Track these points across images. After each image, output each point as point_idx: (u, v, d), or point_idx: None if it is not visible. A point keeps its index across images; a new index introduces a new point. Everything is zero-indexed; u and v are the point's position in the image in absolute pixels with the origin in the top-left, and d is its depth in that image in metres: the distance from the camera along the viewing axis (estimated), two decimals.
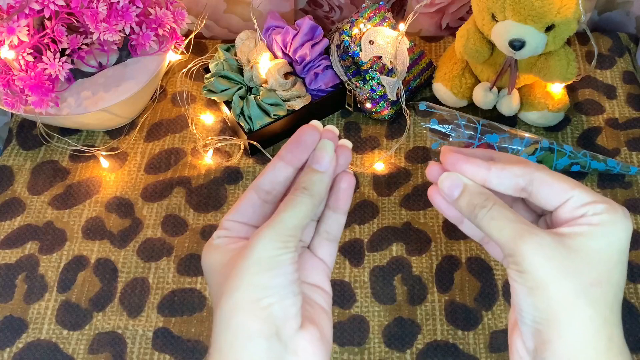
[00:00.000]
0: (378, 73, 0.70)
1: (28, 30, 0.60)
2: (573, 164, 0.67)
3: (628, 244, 0.33)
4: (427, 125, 0.68)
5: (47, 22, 0.62)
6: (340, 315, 0.60)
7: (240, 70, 0.74)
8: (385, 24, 0.71)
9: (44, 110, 0.64)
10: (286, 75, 0.71)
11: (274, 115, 0.69)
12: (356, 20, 0.69)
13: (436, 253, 0.64)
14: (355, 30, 0.69)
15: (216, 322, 0.33)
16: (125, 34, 0.66)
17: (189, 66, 0.77)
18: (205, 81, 0.73)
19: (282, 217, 0.34)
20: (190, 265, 0.64)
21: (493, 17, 0.63)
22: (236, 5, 0.80)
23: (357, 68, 0.70)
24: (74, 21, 0.64)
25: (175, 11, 0.69)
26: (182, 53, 0.74)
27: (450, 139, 0.67)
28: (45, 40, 0.63)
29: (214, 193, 0.69)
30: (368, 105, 0.72)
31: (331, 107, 0.75)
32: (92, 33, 0.63)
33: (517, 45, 0.61)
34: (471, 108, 0.74)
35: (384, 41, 0.70)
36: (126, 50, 0.70)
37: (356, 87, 0.71)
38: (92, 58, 0.70)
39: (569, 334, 0.32)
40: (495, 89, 0.71)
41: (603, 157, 0.67)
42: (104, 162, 0.71)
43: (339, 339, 0.59)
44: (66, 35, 0.64)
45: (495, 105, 0.72)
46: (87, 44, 0.68)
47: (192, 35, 0.75)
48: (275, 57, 0.72)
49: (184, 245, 0.65)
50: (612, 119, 0.73)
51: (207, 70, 0.75)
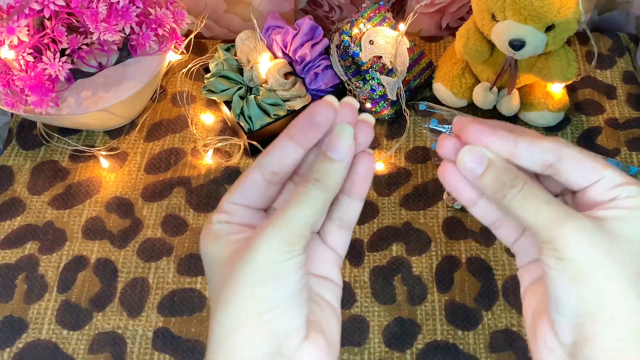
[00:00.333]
0: (378, 73, 0.70)
1: (28, 30, 0.60)
2: None
3: None
4: (427, 125, 0.68)
5: (47, 22, 0.62)
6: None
7: (240, 70, 0.74)
8: (385, 24, 0.71)
9: (44, 110, 0.64)
10: (286, 75, 0.71)
11: (274, 115, 0.69)
12: (356, 20, 0.69)
13: (436, 253, 0.64)
14: (355, 30, 0.69)
15: (213, 330, 0.30)
16: (125, 34, 0.66)
17: (189, 66, 0.77)
18: (205, 81, 0.73)
19: (290, 214, 0.29)
20: (190, 265, 0.64)
21: (493, 17, 0.63)
22: (236, 5, 0.80)
23: (357, 68, 0.70)
24: (74, 21, 0.64)
25: (175, 11, 0.69)
26: (182, 53, 0.74)
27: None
28: (45, 40, 0.63)
29: (214, 193, 0.69)
30: (368, 105, 0.72)
31: None
32: (92, 33, 0.63)
33: (517, 45, 0.61)
34: (471, 108, 0.74)
35: (384, 41, 0.70)
36: (126, 50, 0.70)
37: (356, 87, 0.71)
38: (92, 58, 0.70)
39: (619, 329, 0.28)
40: (495, 89, 0.71)
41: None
42: (104, 162, 0.71)
43: None
44: (66, 35, 0.64)
45: (495, 105, 0.72)
46: (87, 44, 0.68)
47: (192, 35, 0.75)
48: (275, 57, 0.72)
49: (184, 245, 0.65)
50: (612, 119, 0.73)
51: (207, 70, 0.75)
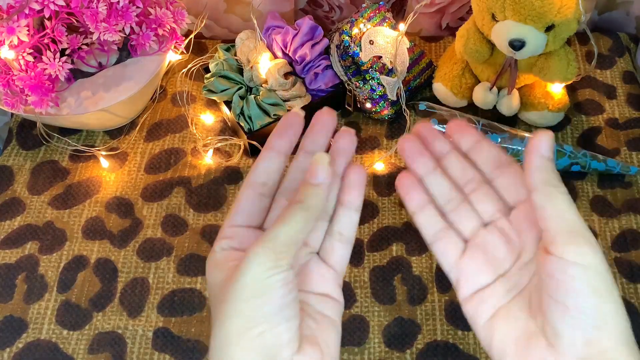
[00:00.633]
0: (378, 73, 0.70)
1: (28, 30, 0.60)
2: (573, 164, 0.67)
3: None
4: None
5: (47, 22, 0.62)
6: None
7: (240, 70, 0.74)
8: (385, 24, 0.71)
9: (44, 110, 0.64)
10: (286, 75, 0.71)
11: (274, 115, 0.69)
12: (356, 20, 0.69)
13: None
14: (355, 30, 0.69)
15: (211, 348, 0.32)
16: (125, 34, 0.66)
17: (189, 66, 0.77)
18: (205, 81, 0.73)
19: (275, 233, 0.32)
20: (190, 265, 0.64)
21: (493, 17, 0.63)
22: (236, 5, 0.80)
23: (357, 68, 0.70)
24: (74, 21, 0.64)
25: (175, 11, 0.69)
26: (182, 53, 0.74)
27: (451, 139, 0.67)
28: (45, 40, 0.63)
29: (214, 193, 0.69)
30: (368, 105, 0.72)
31: (331, 107, 0.74)
32: (92, 33, 0.63)
33: (517, 45, 0.61)
34: (471, 108, 0.74)
35: (384, 41, 0.70)
36: (126, 50, 0.70)
37: (356, 87, 0.71)
38: (92, 58, 0.70)
39: (621, 347, 0.31)
40: (495, 89, 0.71)
41: (603, 157, 0.67)
42: (104, 162, 0.71)
43: None
44: (66, 35, 0.64)
45: (495, 105, 0.72)
46: (87, 44, 0.68)
47: (192, 35, 0.75)
48: (275, 57, 0.72)
49: (184, 245, 0.65)
50: (612, 119, 0.73)
51: (207, 70, 0.75)
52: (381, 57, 0.70)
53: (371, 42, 0.69)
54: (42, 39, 0.62)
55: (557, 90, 0.71)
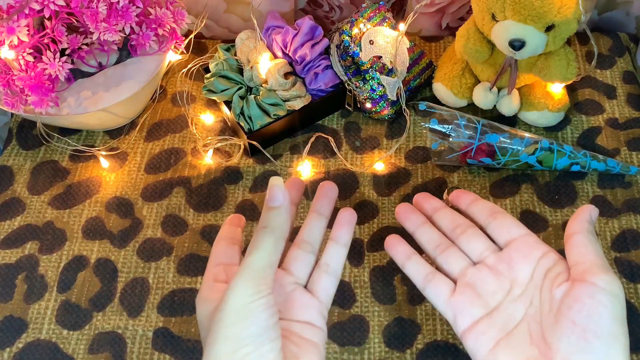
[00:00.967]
0: (378, 73, 0.70)
1: (28, 30, 0.60)
2: (573, 164, 0.67)
3: None
4: (427, 125, 0.68)
5: (47, 22, 0.62)
6: (340, 315, 0.60)
7: (240, 70, 0.74)
8: (385, 24, 0.71)
9: (44, 110, 0.64)
10: (286, 75, 0.71)
11: (274, 115, 0.69)
12: (356, 20, 0.69)
13: None
14: (355, 30, 0.69)
15: None
16: (125, 34, 0.66)
17: (189, 66, 0.77)
18: (205, 81, 0.73)
19: (250, 262, 0.35)
20: (190, 265, 0.64)
21: (493, 17, 0.63)
22: (236, 5, 0.80)
23: (357, 68, 0.70)
24: (74, 21, 0.64)
25: (175, 11, 0.69)
26: (182, 53, 0.74)
27: (450, 139, 0.67)
28: (45, 40, 0.63)
29: (214, 193, 0.69)
30: (368, 105, 0.72)
31: (331, 107, 0.75)
32: (92, 33, 0.63)
33: (517, 45, 0.61)
34: (471, 108, 0.74)
35: (384, 41, 0.70)
36: (126, 50, 0.70)
37: (356, 87, 0.71)
38: (92, 58, 0.70)
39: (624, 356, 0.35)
40: (495, 89, 0.71)
41: (603, 157, 0.67)
42: (104, 162, 0.71)
43: (339, 339, 0.59)
44: (66, 35, 0.64)
45: (495, 105, 0.72)
46: (87, 44, 0.68)
47: (192, 35, 0.75)
48: (275, 57, 0.72)
49: (184, 245, 0.65)
50: (612, 119, 0.73)
51: (207, 70, 0.75)
52: (381, 57, 0.70)
53: (371, 42, 0.69)
54: (42, 39, 0.62)
55: (557, 90, 0.71)
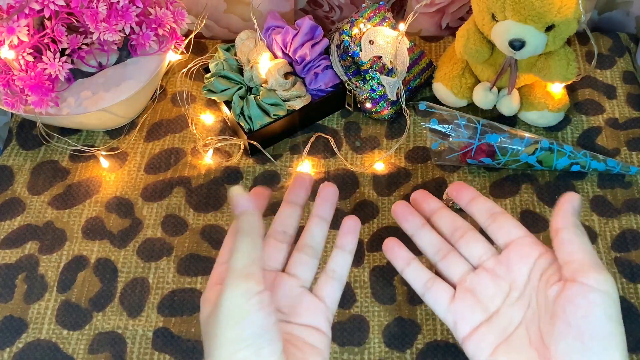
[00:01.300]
0: (378, 73, 0.70)
1: (28, 30, 0.60)
2: (573, 164, 0.67)
3: None
4: (427, 125, 0.68)
5: (47, 22, 0.62)
6: (340, 315, 0.60)
7: (240, 70, 0.74)
8: (385, 24, 0.71)
9: (44, 110, 0.64)
10: (286, 75, 0.71)
11: (274, 115, 0.69)
12: (356, 20, 0.69)
13: None
14: (355, 30, 0.69)
15: None
16: (125, 34, 0.66)
17: (189, 66, 0.77)
18: (205, 81, 0.73)
19: (232, 264, 0.35)
20: (190, 265, 0.64)
21: (493, 17, 0.63)
22: (236, 5, 0.80)
23: (357, 68, 0.70)
24: (74, 21, 0.64)
25: (175, 11, 0.69)
26: (182, 53, 0.74)
27: (450, 139, 0.67)
28: (45, 40, 0.63)
29: (214, 193, 0.69)
30: (368, 105, 0.72)
31: (331, 107, 0.75)
32: (92, 33, 0.63)
33: (517, 45, 0.61)
34: (471, 108, 0.74)
35: (384, 41, 0.70)
36: (126, 50, 0.70)
37: (356, 87, 0.71)
38: (92, 58, 0.70)
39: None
40: (495, 89, 0.71)
41: (603, 157, 0.67)
42: (104, 162, 0.71)
43: (339, 339, 0.59)
44: (66, 35, 0.64)
45: (495, 105, 0.72)
46: (87, 44, 0.68)
47: (192, 35, 0.75)
48: (275, 57, 0.72)
49: (184, 245, 0.65)
50: (612, 119, 0.73)
51: (207, 70, 0.75)
52: (381, 57, 0.70)
53: (371, 42, 0.69)
54: (42, 39, 0.62)
55: (557, 90, 0.71)
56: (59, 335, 0.60)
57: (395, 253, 0.45)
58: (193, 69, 0.77)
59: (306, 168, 0.70)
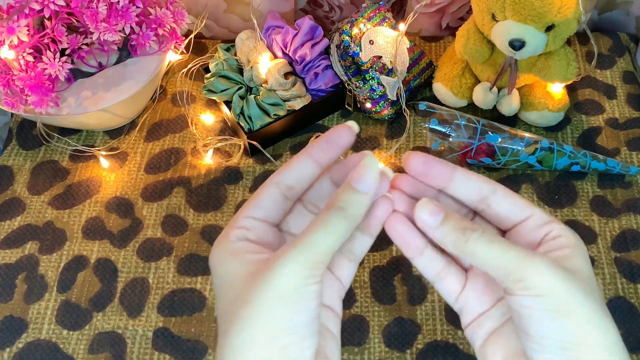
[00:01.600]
0: (378, 73, 0.70)
1: (28, 30, 0.60)
2: (573, 164, 0.67)
3: None
4: (427, 125, 0.68)
5: (47, 22, 0.62)
6: None
7: (240, 70, 0.74)
8: (385, 24, 0.71)
9: (44, 110, 0.64)
10: (286, 75, 0.71)
11: (274, 115, 0.69)
12: (356, 20, 0.69)
13: None
14: (355, 30, 0.69)
15: (226, 346, 0.29)
16: (125, 34, 0.66)
17: (189, 66, 0.77)
18: (205, 81, 0.73)
19: (313, 239, 0.29)
20: (190, 265, 0.64)
21: (493, 17, 0.63)
22: (236, 5, 0.80)
23: (357, 68, 0.70)
24: (74, 21, 0.64)
25: (175, 11, 0.69)
26: (182, 53, 0.74)
27: (450, 139, 0.67)
28: (45, 40, 0.63)
29: (214, 193, 0.69)
30: (368, 105, 0.72)
31: (331, 107, 0.75)
32: (92, 33, 0.63)
33: (517, 45, 0.61)
34: (471, 108, 0.74)
35: (384, 41, 0.70)
36: (126, 50, 0.70)
37: (356, 87, 0.71)
38: (92, 58, 0.70)
39: (603, 353, 0.29)
40: (495, 89, 0.71)
41: (603, 157, 0.67)
42: (104, 162, 0.71)
43: None
44: (66, 35, 0.64)
45: (495, 105, 0.72)
46: (87, 44, 0.68)
47: (192, 35, 0.75)
48: (275, 57, 0.72)
49: (184, 245, 0.65)
50: (612, 119, 0.73)
51: (207, 70, 0.75)
52: (381, 57, 0.70)
53: (371, 42, 0.69)
54: (42, 39, 0.62)
55: (557, 90, 0.71)
56: (59, 335, 0.60)
57: (405, 240, 0.36)
58: (193, 69, 0.77)
59: None
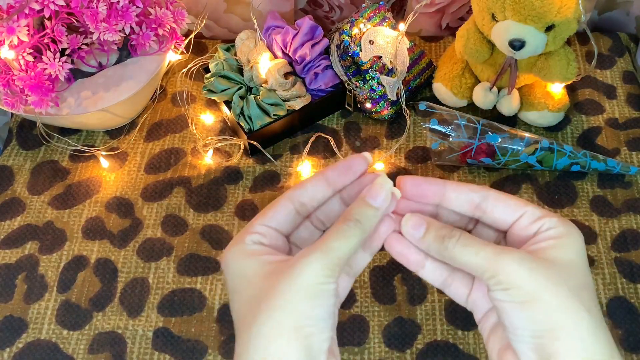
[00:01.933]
0: (378, 73, 0.70)
1: (28, 30, 0.60)
2: (573, 164, 0.67)
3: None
4: (427, 125, 0.68)
5: (47, 22, 0.62)
6: (340, 315, 0.60)
7: (240, 70, 0.74)
8: (385, 24, 0.71)
9: (44, 110, 0.64)
10: (286, 75, 0.71)
11: (274, 115, 0.69)
12: (356, 20, 0.69)
13: None
14: (355, 30, 0.69)
15: (248, 340, 0.31)
16: (125, 34, 0.66)
17: (189, 66, 0.77)
18: (205, 81, 0.73)
19: (333, 245, 0.33)
20: (190, 265, 0.64)
21: (493, 17, 0.63)
22: (236, 5, 0.80)
23: (357, 68, 0.70)
24: (74, 21, 0.64)
25: (175, 11, 0.69)
26: (182, 53, 0.74)
27: (450, 139, 0.67)
28: (45, 40, 0.63)
29: (214, 193, 0.69)
30: (368, 105, 0.72)
31: (331, 107, 0.75)
32: (92, 33, 0.63)
33: (517, 45, 0.61)
34: (471, 108, 0.74)
35: (384, 41, 0.70)
36: (126, 50, 0.70)
37: (356, 87, 0.71)
38: (92, 58, 0.70)
39: (576, 340, 0.31)
40: (495, 89, 0.71)
41: (603, 157, 0.67)
42: (104, 162, 0.71)
43: (339, 339, 0.59)
44: (66, 35, 0.64)
45: (495, 105, 0.72)
46: (87, 44, 0.68)
47: (192, 35, 0.75)
48: (275, 57, 0.72)
49: (184, 245, 0.65)
50: (612, 119, 0.73)
51: (207, 70, 0.75)
52: (381, 57, 0.70)
53: (371, 42, 0.69)
54: (42, 39, 0.62)
55: (557, 90, 0.71)
56: (59, 335, 0.60)
57: (405, 257, 0.38)
58: (193, 69, 0.77)
59: (306, 168, 0.70)
